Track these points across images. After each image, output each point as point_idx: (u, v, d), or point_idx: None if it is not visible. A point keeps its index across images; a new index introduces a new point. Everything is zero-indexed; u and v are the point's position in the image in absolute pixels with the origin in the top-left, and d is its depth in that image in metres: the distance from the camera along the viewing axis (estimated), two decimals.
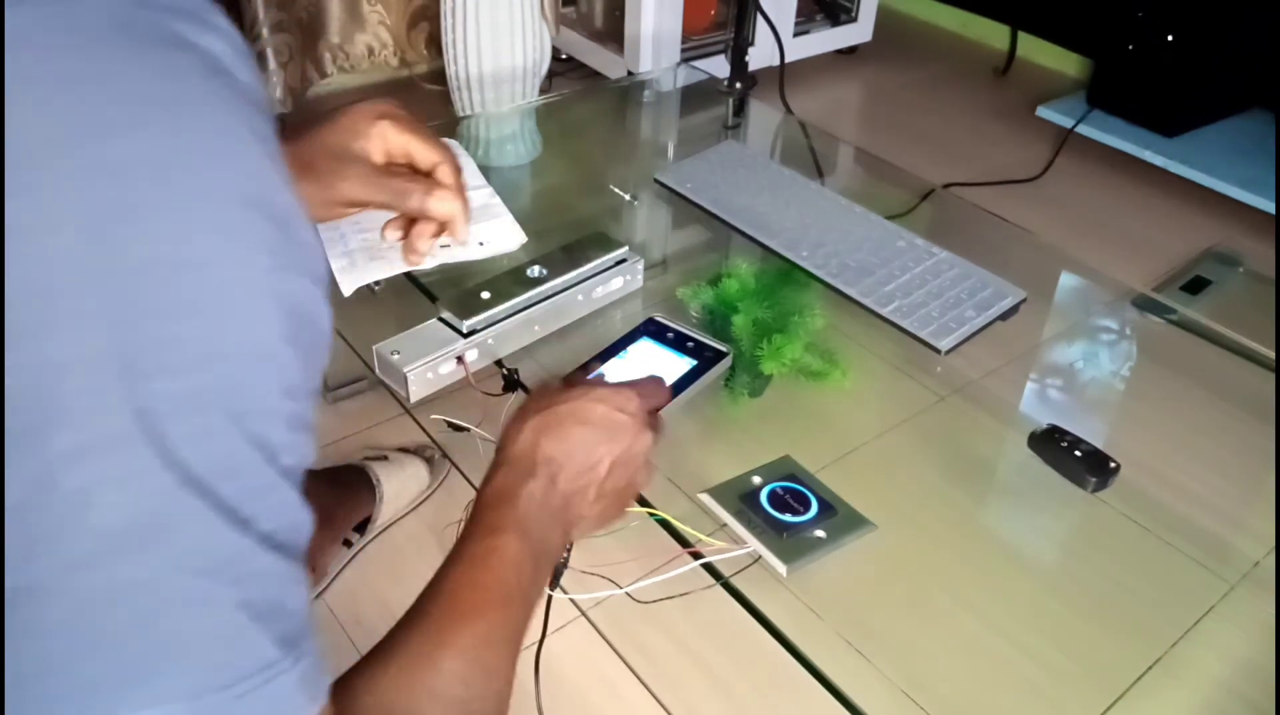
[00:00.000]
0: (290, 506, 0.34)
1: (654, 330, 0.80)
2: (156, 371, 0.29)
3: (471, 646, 0.48)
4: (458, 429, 0.76)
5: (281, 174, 0.33)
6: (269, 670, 0.32)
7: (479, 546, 0.51)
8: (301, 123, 0.61)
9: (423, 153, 0.64)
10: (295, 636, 0.34)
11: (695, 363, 0.77)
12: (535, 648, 0.71)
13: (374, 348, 0.76)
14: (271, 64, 1.64)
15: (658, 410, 0.63)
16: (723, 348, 0.78)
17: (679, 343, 0.79)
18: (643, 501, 0.66)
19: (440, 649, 0.47)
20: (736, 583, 0.64)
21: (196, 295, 0.30)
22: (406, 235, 0.70)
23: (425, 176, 0.65)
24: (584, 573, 0.67)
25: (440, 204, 0.64)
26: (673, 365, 0.77)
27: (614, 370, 0.77)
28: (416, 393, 0.75)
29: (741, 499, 0.69)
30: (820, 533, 0.67)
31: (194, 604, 0.31)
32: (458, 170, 0.65)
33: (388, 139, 0.63)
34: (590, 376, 0.70)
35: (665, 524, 0.67)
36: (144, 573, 0.30)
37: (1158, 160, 1.67)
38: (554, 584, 0.65)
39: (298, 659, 0.34)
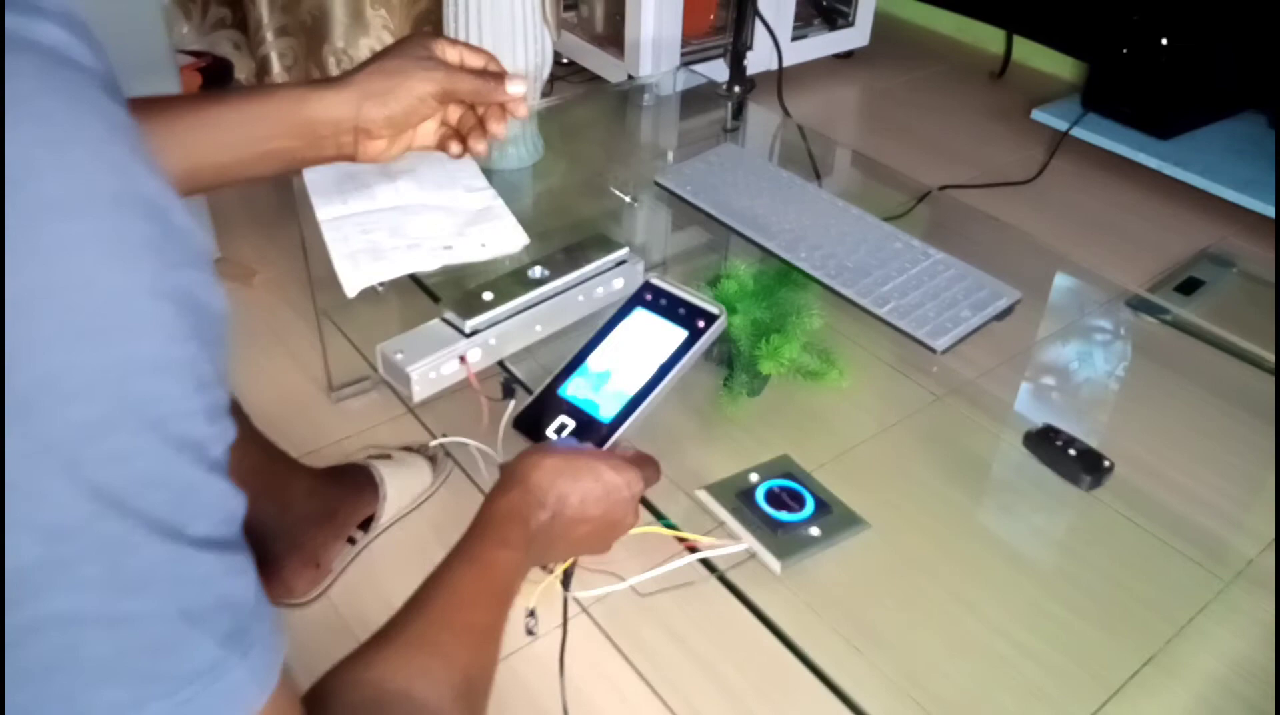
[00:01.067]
0: (223, 498, 0.33)
1: (650, 297, 0.79)
2: (61, 402, 0.28)
3: (468, 634, 0.51)
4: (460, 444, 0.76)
5: (144, 158, 0.31)
6: (214, 671, 0.33)
7: (489, 553, 0.55)
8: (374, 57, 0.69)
9: (472, 57, 0.72)
10: (242, 628, 0.34)
11: (688, 334, 0.76)
12: (559, 647, 0.72)
13: (377, 348, 0.77)
14: (275, 68, 1.65)
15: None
16: (714, 310, 0.77)
17: (672, 310, 0.78)
18: (643, 501, 0.67)
19: (440, 632, 0.50)
20: (735, 580, 0.65)
21: (88, 316, 0.28)
22: (463, 150, 0.76)
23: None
24: (583, 569, 0.68)
25: (513, 85, 0.72)
26: (667, 337, 0.77)
27: (608, 350, 0.77)
28: (420, 392, 0.76)
29: (738, 496, 0.70)
30: (815, 530, 0.68)
31: (123, 624, 0.31)
32: (491, 56, 0.73)
33: (446, 50, 0.71)
34: (607, 446, 0.71)
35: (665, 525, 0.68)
36: (64, 605, 0.29)
37: (1152, 163, 1.68)
38: (566, 585, 0.66)
39: (246, 651, 0.34)
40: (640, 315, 0.79)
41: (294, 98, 0.65)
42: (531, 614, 0.65)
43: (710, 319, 0.77)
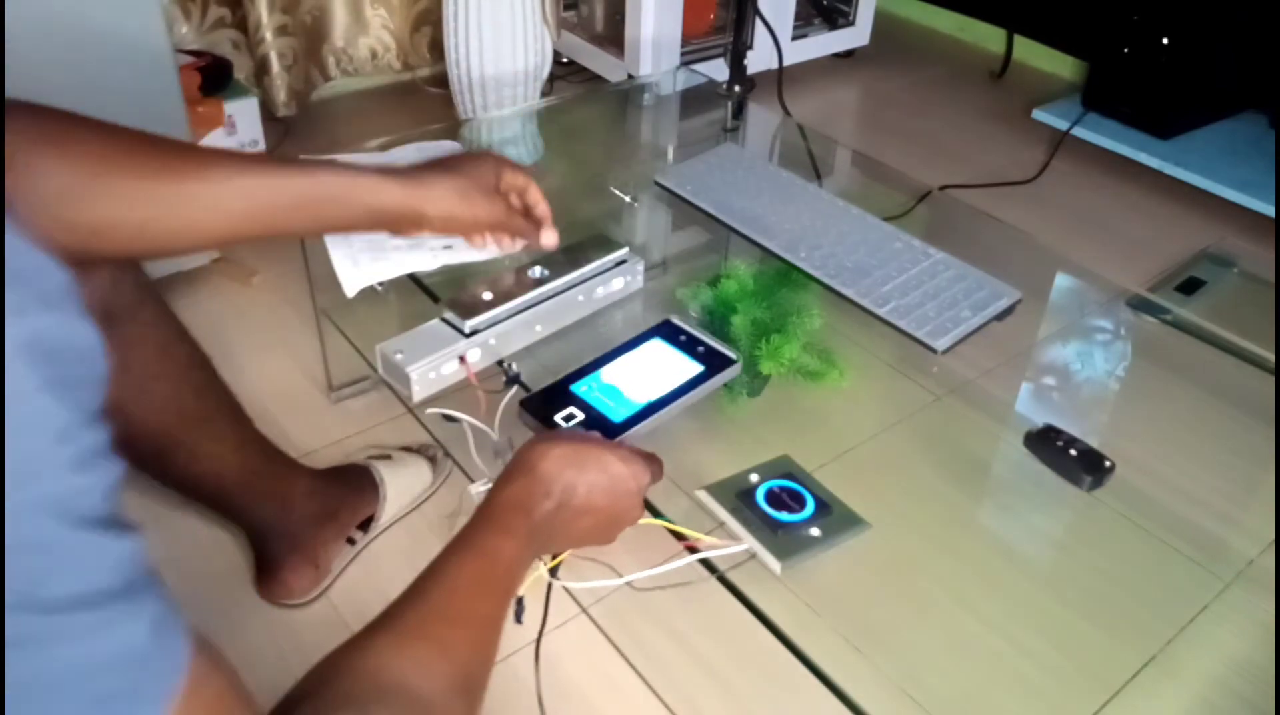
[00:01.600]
0: (97, 552, 0.32)
1: (668, 332, 0.81)
2: None
3: (465, 624, 0.51)
4: (450, 420, 0.77)
5: None
6: None
7: (490, 542, 0.55)
8: (446, 161, 0.75)
9: (522, 183, 0.78)
10: (122, 687, 0.32)
11: (702, 369, 0.78)
12: (535, 640, 0.72)
13: (377, 348, 0.77)
14: (275, 67, 1.65)
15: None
16: (731, 355, 0.79)
17: (690, 346, 0.80)
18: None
19: (436, 622, 0.50)
20: (734, 579, 0.65)
21: None
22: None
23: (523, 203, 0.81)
24: (582, 559, 0.68)
25: (548, 237, 0.79)
26: (679, 368, 0.78)
27: (619, 368, 0.77)
28: (419, 392, 0.76)
29: (739, 496, 0.70)
30: (815, 531, 0.68)
31: None
32: (542, 194, 0.80)
33: (505, 178, 0.77)
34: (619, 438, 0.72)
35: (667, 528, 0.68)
36: None
37: (1152, 162, 1.68)
38: (554, 572, 0.66)
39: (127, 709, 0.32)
40: (657, 344, 0.80)
41: (373, 188, 0.67)
42: (518, 601, 0.65)
43: (727, 362, 0.78)
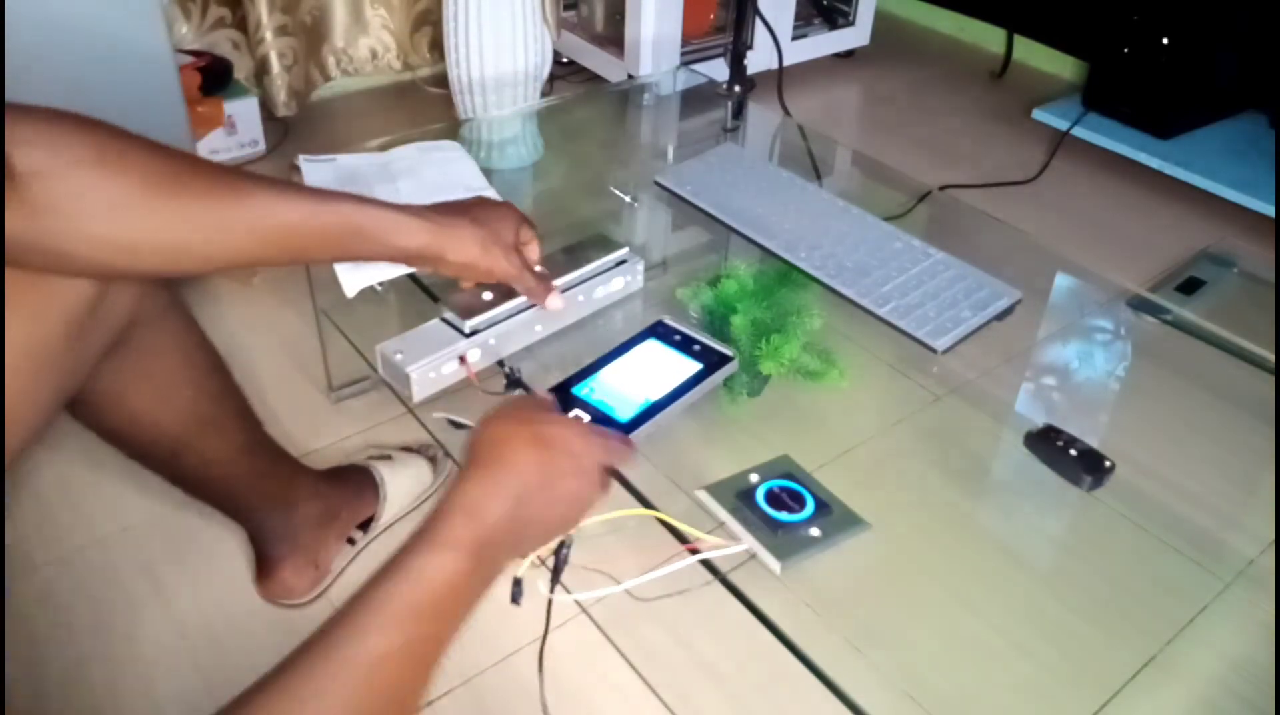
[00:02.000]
0: None
1: (661, 332, 0.81)
2: None
3: (365, 665, 0.45)
4: (458, 426, 0.77)
5: None
6: None
7: (420, 562, 0.49)
8: (471, 208, 0.75)
9: (527, 238, 0.80)
10: None
11: (700, 367, 0.78)
12: (538, 645, 0.72)
13: (377, 348, 0.77)
14: (275, 67, 1.65)
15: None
16: (728, 352, 0.79)
17: (685, 346, 0.80)
18: (642, 500, 0.67)
19: (326, 663, 0.44)
20: (735, 580, 0.65)
21: None
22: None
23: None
24: (584, 569, 0.68)
25: (553, 302, 0.80)
26: (678, 367, 0.78)
27: (618, 369, 0.77)
28: (419, 392, 0.76)
29: (738, 496, 0.70)
30: (815, 531, 0.68)
31: None
32: (539, 250, 0.82)
33: (520, 234, 0.78)
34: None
35: (663, 521, 0.68)
36: None
37: (1152, 162, 1.68)
38: (553, 584, 0.66)
39: None
40: (653, 345, 0.80)
41: (402, 228, 0.68)
42: (517, 584, 0.63)
43: (724, 359, 0.78)
